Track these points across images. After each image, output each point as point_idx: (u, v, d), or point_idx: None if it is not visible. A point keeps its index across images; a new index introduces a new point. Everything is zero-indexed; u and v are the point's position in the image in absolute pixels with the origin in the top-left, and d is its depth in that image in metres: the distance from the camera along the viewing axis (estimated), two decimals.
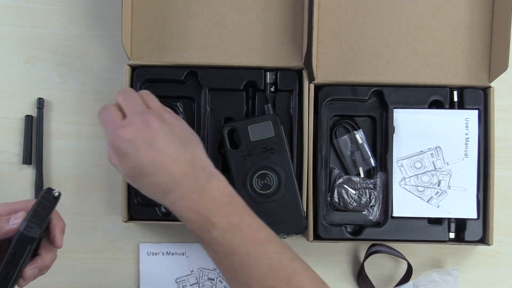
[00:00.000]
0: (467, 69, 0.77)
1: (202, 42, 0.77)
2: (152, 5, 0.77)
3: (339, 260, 0.81)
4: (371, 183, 0.77)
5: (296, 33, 0.77)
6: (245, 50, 0.77)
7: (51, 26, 0.82)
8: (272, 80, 0.77)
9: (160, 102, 0.62)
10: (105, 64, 0.82)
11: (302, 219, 0.73)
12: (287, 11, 0.78)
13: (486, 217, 0.76)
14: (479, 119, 0.77)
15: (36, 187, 0.80)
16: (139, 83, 0.76)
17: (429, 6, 0.77)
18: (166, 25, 0.77)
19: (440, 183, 0.77)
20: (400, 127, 0.77)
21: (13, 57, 0.82)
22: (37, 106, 0.80)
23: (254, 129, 0.74)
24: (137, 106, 0.59)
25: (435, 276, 0.77)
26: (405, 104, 0.77)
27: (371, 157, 0.78)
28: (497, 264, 0.82)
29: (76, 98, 0.82)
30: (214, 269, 0.80)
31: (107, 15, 0.82)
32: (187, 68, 0.77)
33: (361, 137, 0.78)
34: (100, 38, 0.82)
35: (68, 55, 0.82)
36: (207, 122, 0.77)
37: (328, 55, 0.77)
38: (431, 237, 0.76)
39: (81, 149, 0.81)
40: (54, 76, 0.82)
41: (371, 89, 0.77)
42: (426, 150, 0.77)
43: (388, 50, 0.77)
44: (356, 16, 0.77)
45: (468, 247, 0.81)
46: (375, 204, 0.77)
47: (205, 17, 0.77)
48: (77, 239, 0.81)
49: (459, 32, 0.78)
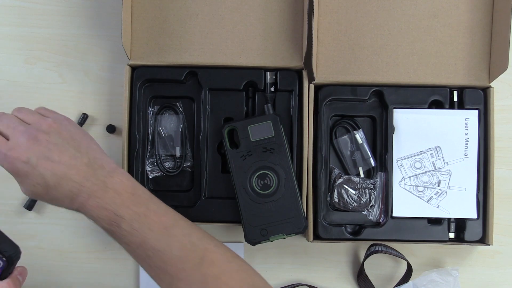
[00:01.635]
0: (467, 69, 0.77)
1: (202, 42, 0.77)
2: (152, 5, 0.77)
3: (339, 260, 0.81)
4: (371, 183, 0.77)
5: (296, 33, 0.77)
6: (245, 50, 0.77)
7: (51, 26, 0.82)
8: (272, 80, 0.77)
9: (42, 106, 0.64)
10: (105, 64, 0.82)
11: (302, 219, 0.73)
12: (287, 11, 0.78)
13: (486, 217, 0.76)
14: (479, 119, 0.77)
15: None
16: (139, 83, 0.76)
17: (429, 6, 0.77)
18: (166, 25, 0.77)
19: (440, 183, 0.77)
20: (400, 127, 0.77)
21: (13, 57, 0.82)
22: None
23: (254, 129, 0.74)
24: (16, 125, 0.59)
25: (435, 276, 0.77)
26: (405, 104, 0.77)
27: (371, 157, 0.78)
28: (497, 264, 0.82)
29: (76, 98, 0.82)
30: None
31: (107, 15, 0.82)
32: (187, 68, 0.77)
33: (361, 137, 0.78)
34: (100, 38, 0.82)
35: (68, 55, 0.82)
36: (207, 122, 0.77)
37: (328, 55, 0.77)
38: (431, 237, 0.76)
39: None
40: (54, 76, 0.82)
41: (371, 89, 0.77)
42: (426, 150, 0.77)
43: (388, 50, 0.77)
44: (356, 16, 0.78)
45: (468, 247, 0.81)
46: (375, 204, 0.77)
47: (205, 17, 0.77)
48: (77, 239, 0.81)
49: (459, 32, 0.78)
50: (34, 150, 0.57)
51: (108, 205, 0.58)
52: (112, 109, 0.81)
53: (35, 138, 0.58)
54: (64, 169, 0.57)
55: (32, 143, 0.57)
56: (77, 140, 0.60)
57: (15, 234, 0.81)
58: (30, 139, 0.57)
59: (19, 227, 0.81)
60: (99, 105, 0.82)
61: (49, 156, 0.57)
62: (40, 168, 0.57)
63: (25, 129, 0.58)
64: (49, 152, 0.57)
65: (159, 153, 0.78)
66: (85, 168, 0.58)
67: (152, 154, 0.77)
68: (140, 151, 0.76)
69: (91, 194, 0.58)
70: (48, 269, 0.81)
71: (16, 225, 0.81)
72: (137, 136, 0.76)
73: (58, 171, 0.57)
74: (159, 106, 0.78)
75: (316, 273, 0.81)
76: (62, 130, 0.60)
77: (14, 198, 0.81)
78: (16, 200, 0.81)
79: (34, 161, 0.57)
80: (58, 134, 0.59)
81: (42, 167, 0.57)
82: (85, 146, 0.61)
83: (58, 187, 0.57)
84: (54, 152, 0.58)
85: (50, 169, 0.57)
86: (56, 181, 0.57)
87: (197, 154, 0.77)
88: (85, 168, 0.58)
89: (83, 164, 0.58)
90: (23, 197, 0.80)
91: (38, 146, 0.57)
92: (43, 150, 0.57)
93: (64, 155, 0.58)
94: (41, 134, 0.58)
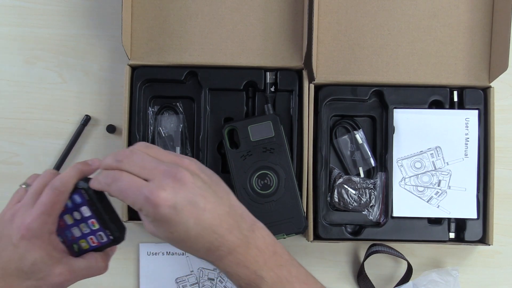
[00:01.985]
0: (467, 69, 0.77)
1: (202, 42, 0.77)
2: (152, 5, 0.77)
3: (339, 260, 0.81)
4: (371, 183, 0.77)
5: (296, 33, 0.77)
6: (245, 50, 0.77)
7: (51, 26, 0.82)
8: (272, 80, 0.77)
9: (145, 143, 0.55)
10: (105, 64, 0.82)
11: (302, 219, 0.73)
12: (287, 11, 0.78)
13: (486, 217, 0.76)
14: (479, 119, 0.77)
15: None
16: (139, 83, 0.76)
17: (429, 6, 0.77)
18: (166, 25, 0.77)
19: (440, 183, 0.77)
20: (400, 127, 0.77)
21: (13, 57, 0.82)
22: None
23: (254, 129, 0.74)
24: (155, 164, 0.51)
25: (435, 276, 0.77)
26: (405, 104, 0.77)
27: (371, 157, 0.78)
28: (497, 264, 0.82)
29: (76, 98, 0.82)
30: (214, 269, 0.80)
31: (107, 15, 0.82)
32: (187, 68, 0.77)
33: (361, 137, 0.78)
34: (100, 38, 0.82)
35: (68, 55, 0.82)
36: (207, 122, 0.77)
37: (328, 55, 0.77)
38: (431, 237, 0.76)
39: (81, 149, 0.81)
40: (54, 76, 0.82)
41: (371, 89, 0.77)
42: (426, 150, 0.77)
43: (388, 50, 0.77)
44: (356, 16, 0.77)
45: (468, 247, 0.81)
46: (375, 204, 0.77)
47: (205, 17, 0.77)
48: None
49: (459, 32, 0.78)
50: (180, 194, 0.49)
51: (249, 263, 0.52)
52: (112, 109, 0.81)
53: (181, 180, 0.50)
54: (208, 218, 0.50)
55: (178, 186, 0.49)
56: (215, 183, 0.53)
57: None
58: (176, 181, 0.49)
59: None
60: (99, 105, 0.82)
61: (194, 202, 0.50)
62: (184, 216, 0.49)
63: (168, 169, 0.50)
64: (195, 197, 0.50)
65: None
66: (227, 219, 0.51)
67: None
68: None
69: (232, 250, 0.51)
70: None
71: None
72: (137, 136, 0.76)
73: (202, 220, 0.50)
74: (159, 106, 0.78)
75: (316, 273, 0.80)
76: (200, 172, 0.52)
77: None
78: None
79: (179, 207, 0.49)
80: (199, 177, 0.52)
81: (186, 214, 0.49)
82: (223, 190, 0.53)
83: (198, 238, 0.50)
84: (199, 197, 0.50)
85: (194, 217, 0.50)
86: (198, 232, 0.50)
87: (197, 154, 0.77)
88: (227, 218, 0.51)
89: (225, 213, 0.51)
90: None
91: (184, 189, 0.50)
92: (188, 194, 0.50)
93: (208, 201, 0.51)
94: (186, 175, 0.50)
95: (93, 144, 0.81)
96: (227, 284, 0.80)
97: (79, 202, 0.55)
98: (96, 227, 0.56)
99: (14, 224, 0.54)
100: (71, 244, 0.56)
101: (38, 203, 0.53)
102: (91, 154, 0.81)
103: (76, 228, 0.56)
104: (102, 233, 0.56)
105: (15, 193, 0.57)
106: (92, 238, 0.56)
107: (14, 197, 0.57)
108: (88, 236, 0.56)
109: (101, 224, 0.55)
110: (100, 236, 0.56)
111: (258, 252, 0.52)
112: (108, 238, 0.56)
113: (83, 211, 0.55)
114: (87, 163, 0.56)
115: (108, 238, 0.56)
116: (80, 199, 0.55)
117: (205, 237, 0.50)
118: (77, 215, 0.55)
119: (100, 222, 0.55)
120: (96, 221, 0.55)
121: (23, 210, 0.54)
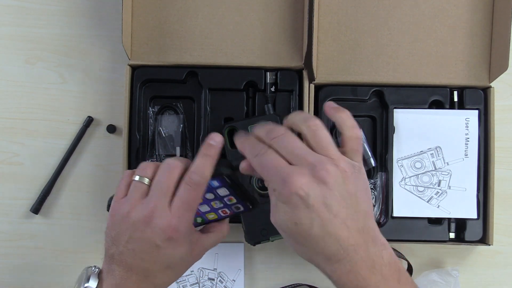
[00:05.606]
0: (467, 69, 0.77)
1: (202, 42, 0.77)
2: (152, 5, 0.78)
3: None
4: (371, 183, 0.77)
5: (296, 33, 0.77)
6: (245, 50, 0.77)
7: (51, 26, 0.82)
8: (272, 80, 0.77)
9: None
10: (105, 64, 0.82)
11: None
12: (287, 11, 0.78)
13: (486, 217, 0.76)
14: (479, 119, 0.77)
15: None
16: (139, 83, 0.76)
17: (429, 6, 0.77)
18: (166, 25, 0.77)
19: (440, 183, 0.77)
20: (400, 127, 0.77)
21: (13, 57, 0.82)
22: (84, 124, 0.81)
23: None
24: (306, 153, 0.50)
25: (435, 276, 0.77)
26: (405, 104, 0.77)
27: (371, 157, 0.78)
28: (497, 264, 0.82)
29: (76, 98, 0.82)
30: (214, 269, 0.80)
31: (107, 15, 0.82)
32: (187, 68, 0.77)
33: (361, 137, 0.78)
34: (100, 38, 0.82)
35: (68, 55, 0.82)
36: (207, 122, 0.77)
37: (328, 55, 0.77)
38: (431, 237, 0.76)
39: (81, 149, 0.81)
40: (54, 76, 0.82)
41: (371, 89, 0.77)
42: (426, 150, 0.77)
43: (388, 50, 0.77)
44: (356, 16, 0.78)
45: (468, 247, 0.81)
46: (375, 204, 0.77)
47: (205, 17, 0.77)
48: (77, 239, 0.81)
49: (459, 32, 0.78)
50: (316, 190, 0.48)
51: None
52: (113, 109, 0.81)
53: (323, 178, 0.48)
54: (336, 225, 0.48)
55: (318, 181, 0.48)
56: (359, 198, 0.50)
57: (15, 234, 0.81)
58: (317, 176, 0.48)
59: (19, 227, 0.81)
60: (100, 105, 0.82)
61: (327, 204, 0.48)
62: (313, 212, 0.48)
63: (314, 162, 0.49)
64: (330, 199, 0.48)
65: (160, 153, 0.78)
66: (357, 235, 0.49)
67: (152, 154, 0.78)
68: (140, 151, 0.76)
69: (354, 269, 0.49)
70: (48, 269, 0.81)
71: (17, 225, 0.81)
72: (137, 136, 0.76)
73: (329, 225, 0.48)
74: (159, 106, 0.78)
75: (316, 273, 0.80)
76: (350, 182, 0.50)
77: (15, 198, 0.81)
78: (16, 200, 0.80)
79: (310, 202, 0.48)
80: (345, 182, 0.49)
81: (315, 212, 0.48)
82: (364, 209, 0.50)
83: (319, 241, 0.49)
84: (334, 201, 0.48)
85: (322, 217, 0.48)
86: (320, 234, 0.48)
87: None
88: (357, 235, 0.49)
89: (356, 229, 0.49)
90: (23, 197, 0.80)
91: (323, 187, 0.48)
92: (325, 194, 0.48)
93: (342, 210, 0.49)
94: (330, 175, 0.48)
95: (94, 144, 0.81)
96: (227, 284, 0.80)
97: (217, 186, 0.55)
98: (233, 201, 0.57)
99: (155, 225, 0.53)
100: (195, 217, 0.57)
101: (179, 201, 0.53)
102: (91, 153, 0.81)
103: (205, 205, 0.57)
104: (239, 204, 0.57)
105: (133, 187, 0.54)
106: (224, 210, 0.58)
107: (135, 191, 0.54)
108: (220, 209, 0.58)
109: (238, 198, 0.56)
110: (237, 207, 0.58)
111: (382, 279, 0.49)
112: (246, 207, 0.58)
113: (220, 192, 0.56)
114: (210, 145, 0.55)
115: (246, 207, 0.58)
116: (219, 183, 0.55)
117: (327, 243, 0.49)
118: (210, 196, 0.56)
119: (237, 197, 0.56)
120: (233, 197, 0.56)
121: (160, 210, 0.53)
